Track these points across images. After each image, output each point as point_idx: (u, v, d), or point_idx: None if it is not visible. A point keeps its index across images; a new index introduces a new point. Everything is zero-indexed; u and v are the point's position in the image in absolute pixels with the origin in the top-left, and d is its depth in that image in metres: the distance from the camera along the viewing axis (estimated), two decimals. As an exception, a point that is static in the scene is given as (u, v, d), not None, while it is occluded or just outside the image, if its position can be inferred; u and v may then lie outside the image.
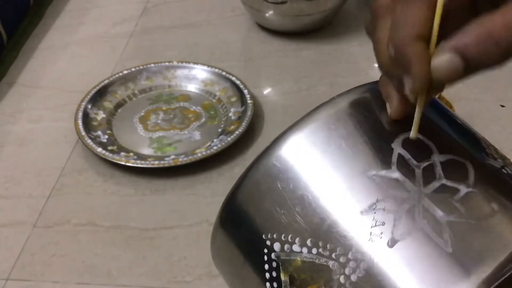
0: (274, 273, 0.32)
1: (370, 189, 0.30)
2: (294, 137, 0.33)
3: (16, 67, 0.87)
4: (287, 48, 0.90)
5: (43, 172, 0.69)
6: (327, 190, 0.31)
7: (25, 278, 0.57)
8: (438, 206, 0.29)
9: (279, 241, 0.32)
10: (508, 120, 0.75)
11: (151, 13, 1.00)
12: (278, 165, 0.33)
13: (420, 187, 0.29)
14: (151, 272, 0.58)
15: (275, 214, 0.32)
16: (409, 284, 0.28)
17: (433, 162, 0.31)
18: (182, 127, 0.74)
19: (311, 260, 0.30)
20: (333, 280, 0.29)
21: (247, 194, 0.34)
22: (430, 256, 0.28)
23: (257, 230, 0.33)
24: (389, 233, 0.29)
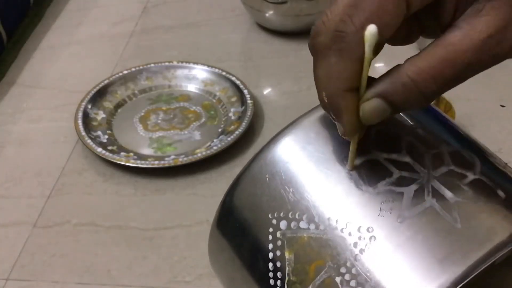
0: (278, 252, 0.32)
1: (380, 169, 0.30)
2: (306, 121, 0.34)
3: (16, 67, 0.87)
4: (287, 48, 0.90)
5: (43, 172, 0.69)
6: (338, 171, 0.32)
7: (25, 278, 0.57)
8: (447, 188, 0.30)
9: (286, 219, 0.32)
10: (508, 120, 0.75)
11: (151, 13, 1.00)
12: (290, 148, 0.34)
13: (429, 170, 0.30)
14: (151, 272, 0.58)
15: (283, 193, 0.33)
16: (419, 257, 0.28)
17: (441, 151, 0.32)
18: (182, 127, 0.74)
19: (318, 236, 0.30)
20: (340, 254, 0.29)
21: (255, 176, 0.34)
22: (440, 230, 0.28)
23: (262, 210, 0.33)
24: (399, 209, 0.29)
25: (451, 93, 0.78)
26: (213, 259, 0.39)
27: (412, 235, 0.28)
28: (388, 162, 0.31)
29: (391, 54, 0.96)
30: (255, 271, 0.33)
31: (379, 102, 0.28)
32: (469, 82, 0.37)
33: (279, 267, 0.32)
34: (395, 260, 0.28)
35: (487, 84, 0.82)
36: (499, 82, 0.83)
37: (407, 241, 0.28)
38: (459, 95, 0.78)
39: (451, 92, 0.29)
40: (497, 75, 0.84)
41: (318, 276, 0.30)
